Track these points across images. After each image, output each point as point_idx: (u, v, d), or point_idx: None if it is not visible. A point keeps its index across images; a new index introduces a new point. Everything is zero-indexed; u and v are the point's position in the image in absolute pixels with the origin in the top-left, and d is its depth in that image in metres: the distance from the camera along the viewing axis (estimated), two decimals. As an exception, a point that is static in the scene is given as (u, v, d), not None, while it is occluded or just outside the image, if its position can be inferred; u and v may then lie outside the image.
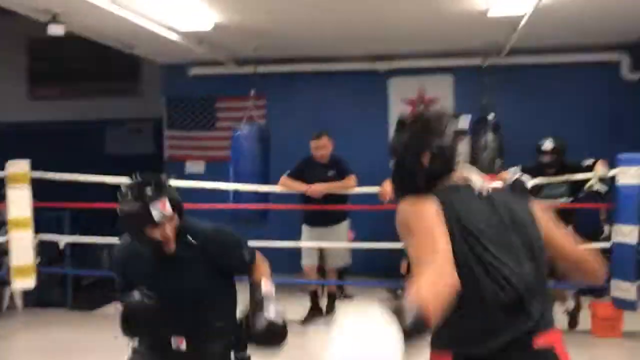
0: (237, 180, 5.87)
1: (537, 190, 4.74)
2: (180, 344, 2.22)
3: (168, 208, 2.07)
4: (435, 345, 1.49)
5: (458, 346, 1.46)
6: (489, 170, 5.75)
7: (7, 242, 5.35)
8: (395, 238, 1.61)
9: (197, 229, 2.21)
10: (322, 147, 5.23)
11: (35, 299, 6.02)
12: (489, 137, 6.19)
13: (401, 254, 6.42)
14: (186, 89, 7.85)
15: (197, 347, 2.24)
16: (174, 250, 2.14)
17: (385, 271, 6.62)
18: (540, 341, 1.45)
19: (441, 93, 7.33)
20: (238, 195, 5.85)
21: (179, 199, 2.15)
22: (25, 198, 5.36)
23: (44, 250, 6.04)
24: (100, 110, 9.88)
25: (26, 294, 5.73)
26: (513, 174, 4.84)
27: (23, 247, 5.31)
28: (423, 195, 1.52)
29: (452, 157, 1.60)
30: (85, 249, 7.80)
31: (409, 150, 1.61)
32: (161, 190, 2.10)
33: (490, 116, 6.31)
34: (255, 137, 6.23)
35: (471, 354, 1.44)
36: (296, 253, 5.44)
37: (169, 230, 2.10)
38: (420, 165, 1.58)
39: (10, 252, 5.31)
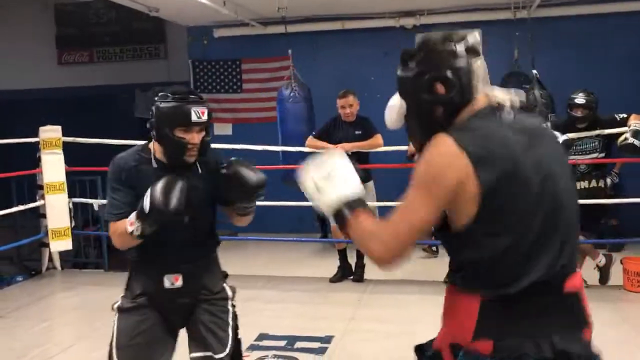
0: (285, 140, 5.95)
1: (568, 146, 4.66)
2: (175, 281, 2.20)
3: (205, 116, 2.13)
4: (461, 287, 1.46)
5: (487, 287, 1.41)
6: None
7: (43, 205, 5.51)
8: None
9: (216, 152, 2.30)
10: (348, 106, 5.20)
11: (72, 261, 6.22)
12: (537, 93, 6.03)
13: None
14: (212, 52, 7.84)
15: (192, 284, 2.23)
16: (193, 160, 2.17)
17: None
18: (569, 285, 1.43)
19: (470, 48, 7.18)
20: (285, 156, 5.92)
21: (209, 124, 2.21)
22: (59, 162, 5.49)
23: (79, 214, 6.21)
24: (128, 75, 9.95)
25: (63, 256, 5.91)
26: (544, 129, 4.76)
27: (59, 210, 5.47)
28: (448, 135, 1.38)
29: (471, 81, 1.44)
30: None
31: (419, 84, 1.46)
32: (202, 101, 2.16)
33: (534, 72, 6.15)
34: (300, 97, 6.22)
35: (500, 295, 1.39)
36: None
37: (197, 138, 2.14)
38: (436, 97, 1.44)
39: (47, 215, 5.48)
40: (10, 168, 6.33)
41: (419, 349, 1.58)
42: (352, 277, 5.24)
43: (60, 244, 5.52)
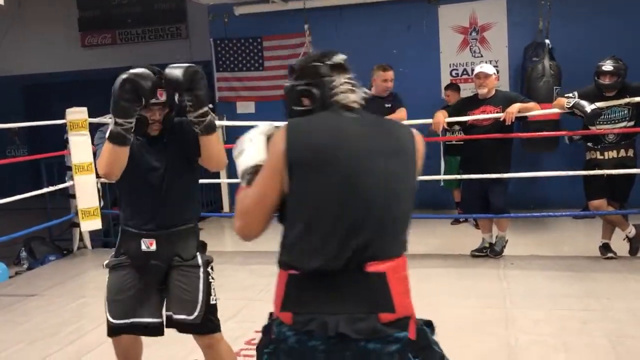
0: None
1: (596, 115, 4.57)
2: (150, 245, 2.44)
3: (162, 97, 2.33)
4: (278, 262, 1.62)
5: (290, 264, 1.56)
6: (547, 98, 5.57)
7: (73, 186, 5.61)
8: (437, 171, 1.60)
9: (176, 120, 2.47)
10: (390, 80, 5.18)
11: (101, 240, 6.34)
12: (546, 64, 5.93)
13: (449, 184, 6.46)
14: (233, 30, 7.83)
15: (165, 248, 2.45)
16: (157, 134, 2.42)
17: (433, 203, 6.64)
18: (371, 269, 1.51)
19: (494, 19, 7.07)
20: None
21: (175, 102, 2.40)
22: (86, 143, 5.56)
23: (107, 194, 6.31)
24: (150, 56, 9.97)
25: (92, 236, 6.02)
26: (570, 99, 4.68)
27: (87, 190, 5.56)
28: (282, 128, 1.60)
29: (331, 94, 1.64)
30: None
31: (291, 96, 1.71)
32: (161, 83, 2.29)
33: (547, 42, 6.04)
34: None
35: (300, 272, 1.54)
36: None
37: (157, 115, 2.38)
38: (302, 108, 1.67)
39: (76, 196, 5.58)
40: (39, 150, 6.44)
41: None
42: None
43: (90, 224, 5.62)
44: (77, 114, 5.54)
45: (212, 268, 2.53)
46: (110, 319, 2.46)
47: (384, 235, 1.54)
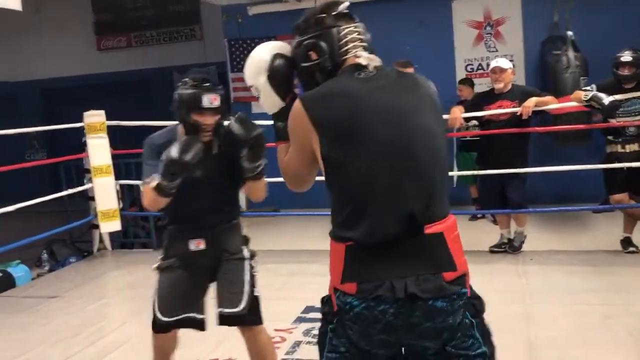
0: None
1: (615, 107, 4.51)
2: (198, 245, 2.52)
3: (216, 102, 2.42)
4: (332, 235, 1.60)
5: (348, 234, 1.55)
6: (575, 89, 5.47)
7: (92, 188, 5.67)
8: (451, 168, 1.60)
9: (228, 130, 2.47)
10: None
11: (119, 241, 6.39)
12: (570, 55, 5.84)
13: (466, 180, 6.42)
14: (247, 30, 7.85)
15: (214, 247, 2.54)
16: (208, 140, 2.45)
17: (450, 200, 6.59)
18: (430, 230, 1.52)
19: (508, 13, 7.02)
20: None
21: (228, 108, 2.52)
22: (104, 146, 5.62)
23: (125, 195, 6.37)
24: (165, 58, 10.06)
25: (111, 237, 6.08)
26: (587, 92, 4.62)
27: (106, 192, 5.62)
28: (296, 101, 1.60)
29: (340, 46, 1.61)
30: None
31: (299, 53, 1.67)
32: (215, 88, 2.45)
33: (570, 33, 5.96)
34: None
35: (359, 242, 1.53)
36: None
37: (210, 121, 2.43)
38: (310, 63, 1.64)
39: (95, 198, 5.64)
40: (58, 154, 6.53)
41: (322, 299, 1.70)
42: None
43: (110, 225, 5.69)
44: (94, 117, 5.60)
45: (255, 261, 2.63)
46: (160, 317, 2.51)
47: (434, 196, 1.54)
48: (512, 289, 4.12)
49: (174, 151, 2.28)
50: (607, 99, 4.47)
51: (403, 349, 1.59)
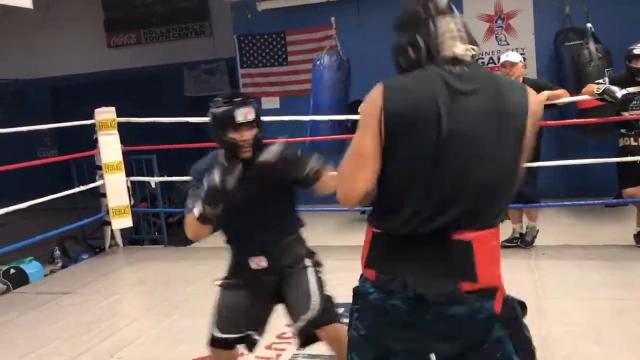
0: (317, 111, 5.89)
1: (628, 100, 4.47)
2: (260, 262, 2.45)
3: (250, 115, 2.36)
4: (367, 220, 1.63)
5: (377, 222, 1.58)
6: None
7: (103, 185, 5.70)
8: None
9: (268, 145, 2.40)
10: None
11: (129, 238, 6.42)
12: (592, 48, 5.76)
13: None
14: (256, 25, 7.83)
15: (276, 261, 2.47)
16: (248, 156, 2.35)
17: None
18: (458, 236, 1.49)
19: (520, 6, 6.96)
20: (316, 127, 5.87)
21: (261, 120, 2.45)
22: (115, 143, 5.65)
23: (137, 192, 6.40)
24: (175, 54, 10.08)
25: (122, 233, 6.10)
26: (600, 85, 4.57)
27: (117, 189, 5.65)
28: (383, 83, 1.55)
29: (437, 42, 1.55)
30: (169, 189, 8.19)
31: (397, 50, 1.63)
32: (247, 101, 2.41)
33: (589, 25, 5.89)
34: (335, 66, 6.17)
35: (385, 231, 1.55)
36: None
37: (247, 136, 2.36)
38: (409, 60, 1.58)
39: (107, 195, 5.67)
40: (69, 151, 6.55)
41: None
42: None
43: (121, 222, 5.72)
44: (105, 114, 5.62)
45: (321, 267, 2.56)
46: (217, 333, 2.48)
47: (477, 206, 1.50)
48: (524, 284, 4.09)
49: (213, 178, 2.21)
50: (619, 92, 4.42)
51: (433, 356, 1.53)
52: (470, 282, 1.49)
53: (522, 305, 1.61)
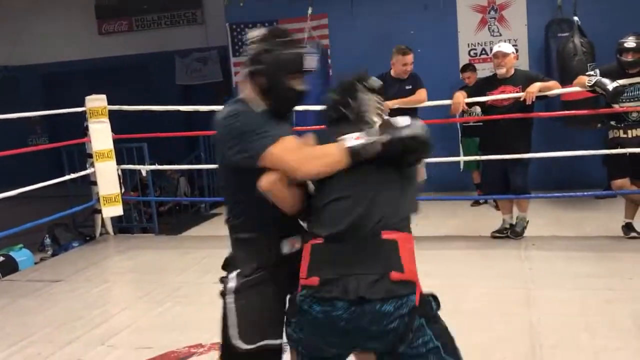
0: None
1: (618, 93, 4.49)
2: (294, 245, 2.00)
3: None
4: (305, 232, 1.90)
5: (313, 233, 1.82)
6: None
7: (94, 173, 5.67)
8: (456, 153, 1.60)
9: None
10: (410, 63, 5.13)
11: (118, 226, 6.39)
12: (577, 41, 5.78)
13: (469, 166, 6.42)
14: (249, 14, 7.78)
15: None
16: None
17: (453, 186, 6.61)
18: (386, 236, 1.75)
19: (513, -3, 6.96)
20: (303, 117, 5.85)
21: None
22: (106, 131, 5.62)
23: (128, 180, 6.37)
24: (166, 42, 10.02)
25: (112, 222, 6.08)
26: (591, 77, 4.60)
27: (108, 177, 5.63)
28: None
29: (365, 111, 1.97)
30: (160, 177, 8.17)
31: (331, 106, 2.02)
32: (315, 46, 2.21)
33: (575, 19, 5.90)
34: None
35: (323, 240, 1.77)
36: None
37: (304, 87, 2.03)
38: (338, 113, 1.99)
39: (97, 183, 5.64)
40: (60, 138, 6.51)
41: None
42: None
43: (112, 210, 5.70)
44: (96, 102, 5.58)
45: None
46: (243, 345, 1.94)
47: (394, 214, 1.79)
48: (514, 274, 4.13)
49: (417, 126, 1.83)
50: (611, 85, 4.45)
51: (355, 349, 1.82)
52: (399, 272, 1.70)
53: (436, 299, 1.80)
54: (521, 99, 4.70)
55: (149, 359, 3.14)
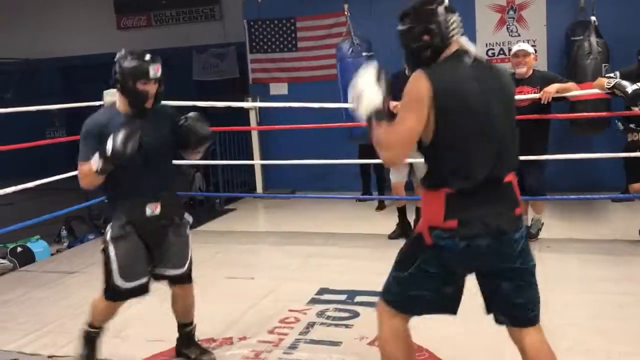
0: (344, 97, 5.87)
1: (638, 96, 4.43)
2: (154, 209, 2.73)
3: (159, 72, 2.74)
4: (429, 187, 2.09)
5: (450, 185, 2.02)
6: (596, 76, 5.39)
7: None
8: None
9: (170, 107, 3.00)
10: None
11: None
12: (593, 41, 5.73)
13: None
14: (266, 10, 7.81)
15: (166, 210, 2.78)
16: (150, 107, 2.74)
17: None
18: (507, 179, 2.09)
19: (532, -4, 6.91)
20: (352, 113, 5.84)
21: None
22: (123, 125, 5.65)
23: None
24: (184, 37, 10.06)
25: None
26: (610, 79, 4.54)
27: (125, 171, 5.66)
28: (424, 71, 2.00)
29: (448, 31, 2.07)
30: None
31: (411, 36, 2.10)
32: (157, 59, 2.78)
33: (593, 19, 5.85)
34: (361, 50, 6.10)
35: (458, 189, 2.01)
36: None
37: (154, 90, 2.74)
38: (424, 43, 2.07)
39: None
40: (78, 131, 6.55)
41: (407, 236, 2.11)
42: (410, 234, 5.22)
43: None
44: (114, 96, 5.60)
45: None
46: (122, 284, 2.73)
47: (509, 156, 2.11)
48: (527, 276, 4.10)
49: (117, 143, 2.48)
50: (631, 87, 4.39)
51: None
52: (518, 208, 2.11)
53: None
54: (538, 100, 4.66)
55: (160, 351, 3.17)
